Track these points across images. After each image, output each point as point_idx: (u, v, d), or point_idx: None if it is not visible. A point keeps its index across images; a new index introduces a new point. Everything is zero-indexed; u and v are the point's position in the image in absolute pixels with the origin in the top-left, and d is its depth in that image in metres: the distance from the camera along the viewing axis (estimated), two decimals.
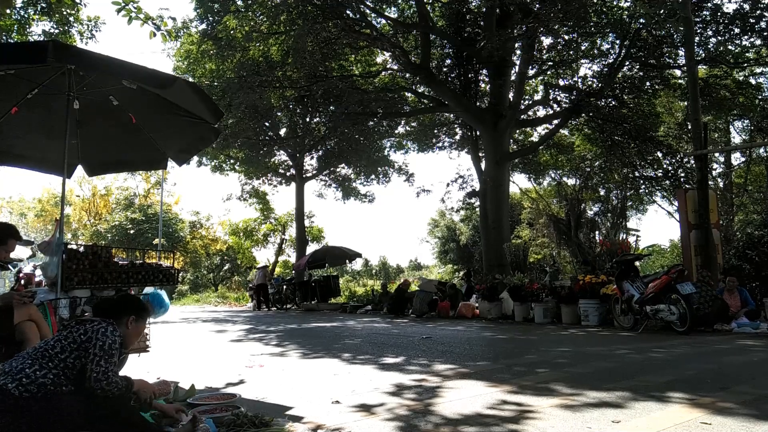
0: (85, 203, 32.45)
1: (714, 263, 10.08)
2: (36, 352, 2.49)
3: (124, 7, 6.26)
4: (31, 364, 2.41)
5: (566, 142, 20.91)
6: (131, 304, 2.90)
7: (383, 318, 13.37)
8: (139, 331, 2.89)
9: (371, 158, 23.07)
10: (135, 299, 3.01)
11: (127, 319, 2.78)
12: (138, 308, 2.88)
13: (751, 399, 3.50)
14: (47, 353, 2.47)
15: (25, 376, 2.36)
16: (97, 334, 2.54)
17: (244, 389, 4.20)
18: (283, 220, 32.21)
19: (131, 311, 2.82)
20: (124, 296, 3.18)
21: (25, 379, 2.34)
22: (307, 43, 15.43)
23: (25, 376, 2.35)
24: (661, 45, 15.47)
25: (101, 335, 2.54)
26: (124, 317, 2.77)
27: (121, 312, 2.79)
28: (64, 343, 2.51)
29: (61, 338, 2.55)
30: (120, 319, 2.75)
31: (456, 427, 3.00)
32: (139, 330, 2.89)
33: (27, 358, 2.45)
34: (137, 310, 2.86)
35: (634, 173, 18.39)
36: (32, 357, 2.46)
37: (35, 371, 2.38)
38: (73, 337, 2.53)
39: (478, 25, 17.40)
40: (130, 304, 2.88)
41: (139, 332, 2.89)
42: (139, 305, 2.92)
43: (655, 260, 28.04)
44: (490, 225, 16.26)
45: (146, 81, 3.87)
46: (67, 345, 2.50)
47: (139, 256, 6.02)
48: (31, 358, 2.45)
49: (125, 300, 2.99)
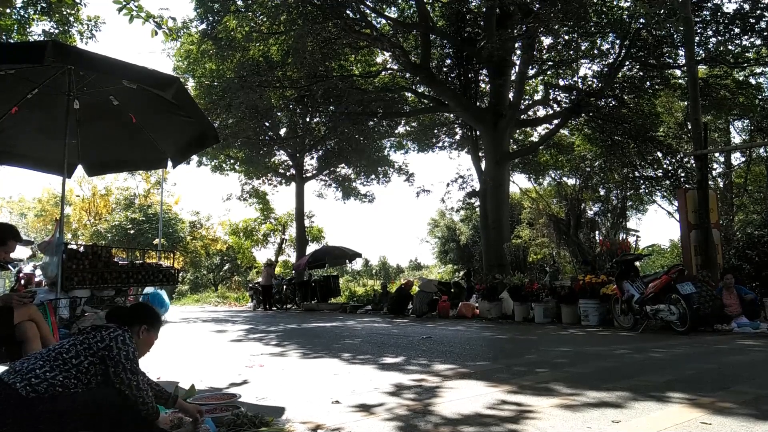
0: (85, 203, 32.44)
1: (714, 263, 10.08)
2: (49, 354, 2.45)
3: (125, 6, 6.24)
4: (42, 365, 2.37)
5: (566, 142, 20.91)
6: (144, 313, 2.84)
7: (383, 318, 13.37)
8: (151, 341, 2.82)
9: (371, 158, 23.08)
10: (148, 309, 2.96)
11: (139, 328, 2.72)
12: (151, 318, 2.82)
13: (751, 399, 3.50)
14: (60, 356, 2.42)
15: (34, 376, 2.33)
16: (116, 342, 2.48)
17: (244, 389, 4.20)
18: (283, 220, 32.23)
19: (144, 320, 2.76)
20: (138, 305, 3.08)
21: (35, 379, 2.31)
22: (307, 43, 15.43)
23: (35, 377, 2.32)
24: (661, 45, 15.46)
25: (121, 343, 2.48)
26: (136, 326, 2.72)
27: (133, 321, 2.73)
28: (79, 348, 2.46)
29: (76, 343, 2.49)
30: (132, 328, 2.69)
31: (455, 427, 3.00)
32: (151, 340, 2.82)
33: (39, 359, 2.42)
34: (150, 319, 2.81)
35: (634, 173, 18.39)
36: (44, 359, 2.41)
37: (45, 372, 2.34)
38: (88, 342, 2.48)
39: (478, 25, 17.40)
40: (143, 314, 2.82)
41: (150, 342, 2.82)
42: (152, 315, 2.86)
43: (655, 260, 28.04)
44: (490, 225, 16.26)
45: (146, 81, 3.88)
46: (82, 350, 2.45)
47: (139, 256, 6.03)
48: (43, 360, 2.41)
49: (138, 309, 2.92)
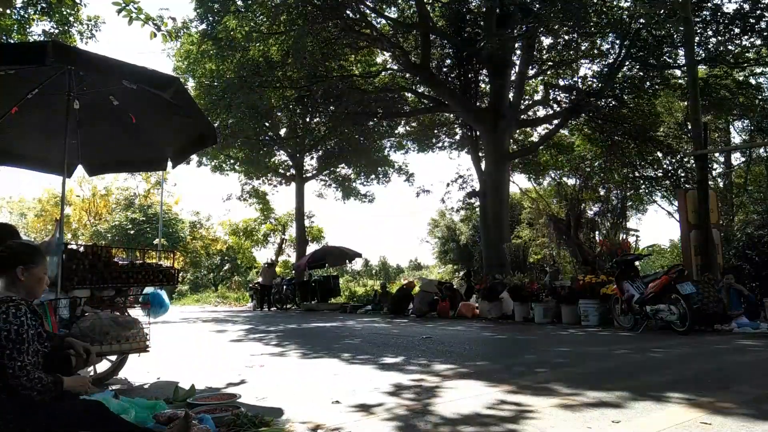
0: (85, 203, 32.47)
1: (714, 263, 10.08)
2: None
3: (125, 8, 6.24)
4: None
5: (566, 142, 20.89)
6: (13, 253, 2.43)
7: (383, 318, 13.37)
8: (39, 276, 2.44)
9: (371, 158, 23.07)
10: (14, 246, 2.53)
11: (14, 272, 2.36)
12: (23, 254, 2.43)
13: (751, 399, 3.50)
14: None
15: None
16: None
17: (244, 389, 4.20)
18: (283, 220, 32.22)
19: (16, 260, 2.38)
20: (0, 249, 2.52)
21: None
22: (307, 43, 15.44)
23: None
24: (661, 45, 15.44)
25: (3, 323, 2.16)
26: (11, 274, 2.37)
27: (4, 271, 2.37)
28: None
29: None
30: (11, 279, 2.36)
31: (455, 427, 3.00)
32: (38, 275, 2.44)
33: None
34: (23, 255, 2.42)
35: (634, 173, 18.39)
36: None
37: None
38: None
39: (478, 25, 17.40)
40: (12, 254, 2.42)
41: (39, 278, 2.45)
42: (21, 250, 2.47)
43: (655, 260, 27.98)
44: (490, 225, 16.26)
45: (146, 81, 3.88)
46: None
47: (139, 256, 6.02)
48: None
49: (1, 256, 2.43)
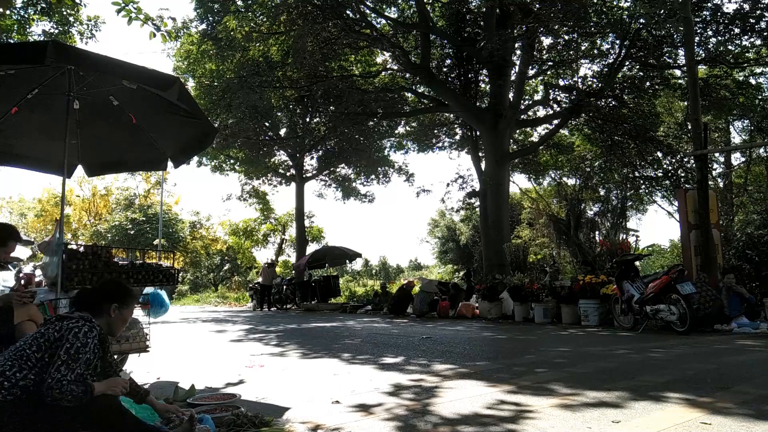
0: (85, 203, 32.47)
1: (714, 263, 10.07)
2: (15, 352, 2.34)
3: (124, 8, 6.24)
4: (11, 366, 2.27)
5: (566, 142, 20.90)
6: (113, 291, 2.67)
7: (383, 318, 13.37)
8: (126, 317, 2.68)
9: (371, 158, 23.08)
10: (116, 285, 2.77)
11: (109, 308, 2.60)
12: (121, 294, 2.66)
13: (750, 399, 3.50)
14: (24, 353, 2.32)
15: (5, 379, 2.22)
16: (69, 334, 2.34)
17: (244, 389, 4.20)
18: (283, 220, 32.24)
19: (113, 299, 2.62)
20: (105, 283, 2.85)
21: (6, 383, 2.21)
22: (307, 43, 15.45)
23: (6, 379, 2.22)
24: (661, 45, 15.45)
25: (72, 336, 2.33)
26: (106, 306, 2.59)
27: (101, 302, 2.60)
28: (41, 341, 2.35)
29: (38, 336, 2.39)
30: (101, 310, 2.58)
31: (455, 427, 3.00)
32: (126, 317, 2.68)
33: (7, 359, 2.30)
34: (120, 296, 2.65)
35: (634, 173, 18.37)
36: (11, 358, 2.31)
37: (15, 373, 2.24)
38: (48, 334, 2.37)
39: (478, 25, 17.41)
40: (111, 292, 2.66)
41: (125, 319, 2.69)
42: (122, 291, 2.70)
43: (655, 260, 27.98)
44: (490, 225, 16.26)
45: (146, 81, 3.88)
46: (42, 343, 2.35)
47: (139, 256, 6.02)
48: (11, 360, 2.30)
49: (106, 288, 2.71)
